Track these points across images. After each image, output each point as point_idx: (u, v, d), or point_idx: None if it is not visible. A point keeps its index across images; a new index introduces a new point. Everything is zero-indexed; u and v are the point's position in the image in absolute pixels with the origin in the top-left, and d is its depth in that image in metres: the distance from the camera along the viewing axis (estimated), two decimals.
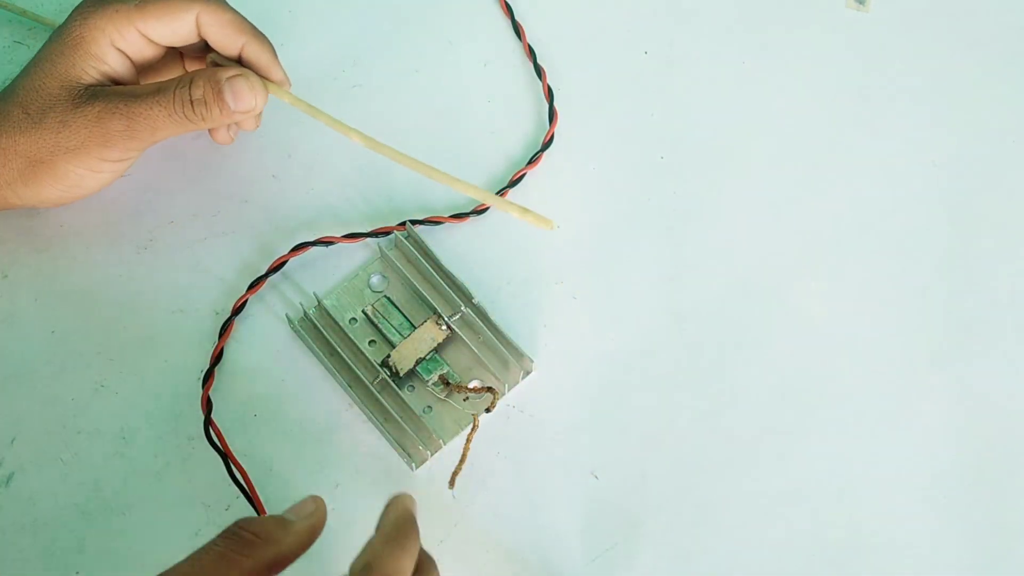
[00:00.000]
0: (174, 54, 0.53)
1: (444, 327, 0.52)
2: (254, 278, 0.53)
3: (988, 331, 0.56)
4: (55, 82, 0.48)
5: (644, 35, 0.63)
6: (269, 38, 0.52)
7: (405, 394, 0.51)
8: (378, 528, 0.40)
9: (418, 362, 0.52)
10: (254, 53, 0.51)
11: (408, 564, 0.38)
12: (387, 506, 0.41)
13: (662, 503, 0.51)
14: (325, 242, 0.54)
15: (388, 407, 0.50)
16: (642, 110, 0.61)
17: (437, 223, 0.56)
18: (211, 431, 0.49)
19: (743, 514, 0.51)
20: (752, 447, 0.52)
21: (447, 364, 0.52)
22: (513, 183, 0.57)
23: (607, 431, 0.52)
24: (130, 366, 0.52)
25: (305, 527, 0.40)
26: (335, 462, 0.51)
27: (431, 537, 0.49)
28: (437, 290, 0.53)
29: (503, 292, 0.55)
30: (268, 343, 0.53)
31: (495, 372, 0.52)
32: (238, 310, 0.52)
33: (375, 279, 0.54)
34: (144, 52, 0.50)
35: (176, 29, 0.50)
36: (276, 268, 0.54)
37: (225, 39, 0.50)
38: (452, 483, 0.49)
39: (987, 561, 0.51)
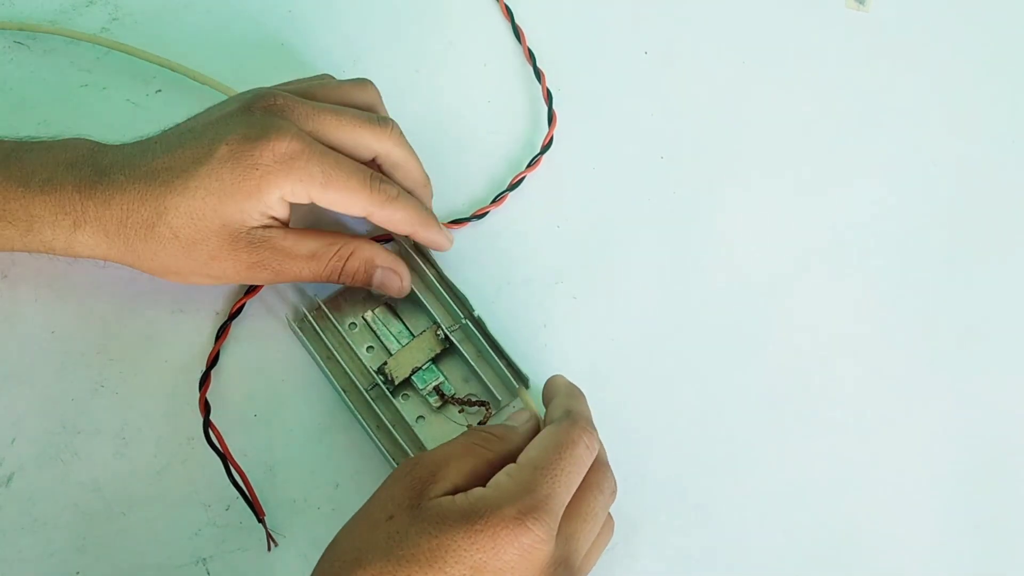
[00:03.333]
0: None
1: (443, 338, 0.52)
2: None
3: (988, 332, 0.56)
4: (217, 219, 0.46)
5: (644, 35, 0.63)
6: (280, 53, 0.54)
7: (399, 402, 0.51)
8: (555, 392, 0.48)
9: (414, 371, 0.51)
10: (422, 237, 0.52)
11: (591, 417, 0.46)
12: (552, 384, 0.49)
13: (662, 503, 0.51)
14: None
15: (380, 414, 0.50)
16: (642, 110, 0.61)
17: None
18: (210, 432, 0.49)
19: (743, 514, 0.51)
20: (752, 447, 0.52)
21: (443, 375, 0.52)
22: (513, 186, 0.57)
23: (607, 431, 0.52)
24: (130, 366, 0.52)
25: (527, 429, 0.46)
26: (335, 462, 0.50)
27: None
28: (439, 300, 0.53)
29: (503, 292, 0.55)
30: (269, 344, 0.53)
31: (491, 387, 0.52)
32: (235, 314, 0.52)
33: None
34: (304, 202, 0.49)
35: (347, 211, 0.49)
36: None
37: (392, 229, 0.51)
38: None
39: (987, 561, 0.51)
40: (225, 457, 0.49)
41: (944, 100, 0.63)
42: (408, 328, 0.53)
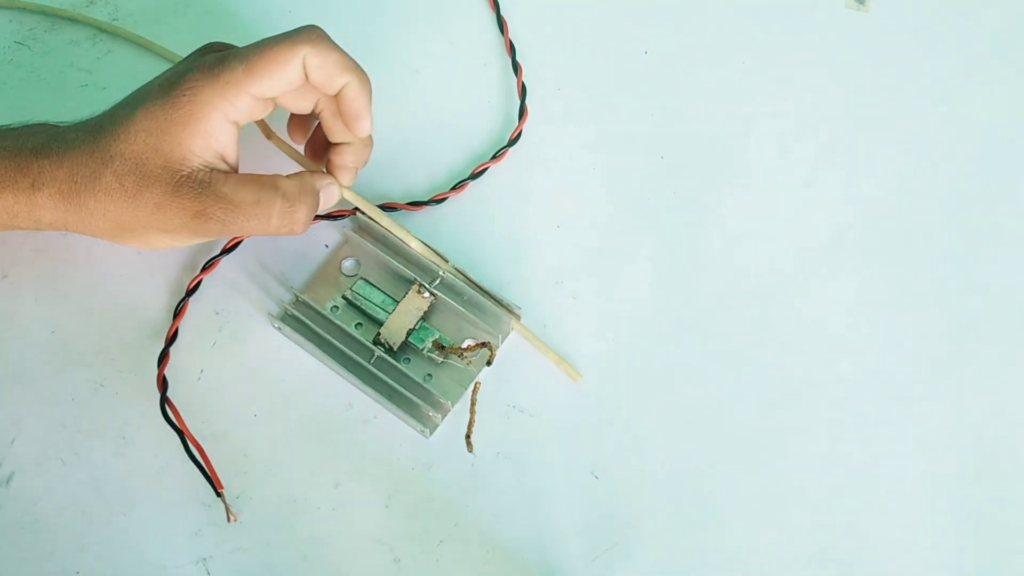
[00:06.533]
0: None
1: (427, 294, 0.52)
2: (255, 278, 0.54)
3: (988, 332, 0.56)
4: (158, 160, 0.46)
5: (644, 35, 0.63)
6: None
7: (403, 366, 0.51)
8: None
9: (409, 333, 0.52)
10: (353, 93, 0.49)
11: None
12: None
13: (662, 503, 0.51)
14: None
15: (390, 382, 0.50)
16: (642, 110, 0.61)
17: (393, 210, 0.56)
18: (167, 408, 0.49)
19: (743, 514, 0.51)
20: (752, 447, 0.52)
21: (437, 329, 0.52)
22: (474, 176, 0.57)
23: (607, 431, 0.52)
24: (130, 366, 0.52)
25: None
26: (335, 462, 0.51)
27: (431, 537, 0.49)
28: (412, 260, 0.54)
29: (503, 292, 0.55)
30: (264, 344, 0.53)
31: (486, 326, 0.52)
32: (192, 290, 0.53)
33: (347, 263, 0.54)
34: (253, 114, 0.48)
35: (287, 79, 0.48)
36: (229, 249, 0.54)
37: (329, 79, 0.49)
38: (470, 446, 0.48)
39: (987, 561, 0.51)
40: (181, 432, 0.49)
41: (944, 100, 0.63)
42: (390, 295, 0.53)
